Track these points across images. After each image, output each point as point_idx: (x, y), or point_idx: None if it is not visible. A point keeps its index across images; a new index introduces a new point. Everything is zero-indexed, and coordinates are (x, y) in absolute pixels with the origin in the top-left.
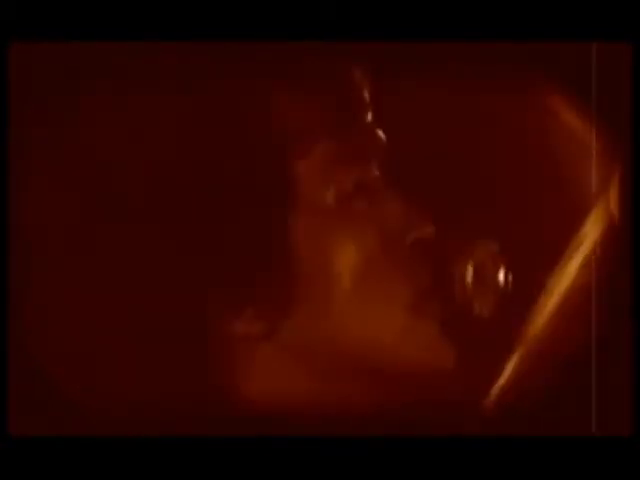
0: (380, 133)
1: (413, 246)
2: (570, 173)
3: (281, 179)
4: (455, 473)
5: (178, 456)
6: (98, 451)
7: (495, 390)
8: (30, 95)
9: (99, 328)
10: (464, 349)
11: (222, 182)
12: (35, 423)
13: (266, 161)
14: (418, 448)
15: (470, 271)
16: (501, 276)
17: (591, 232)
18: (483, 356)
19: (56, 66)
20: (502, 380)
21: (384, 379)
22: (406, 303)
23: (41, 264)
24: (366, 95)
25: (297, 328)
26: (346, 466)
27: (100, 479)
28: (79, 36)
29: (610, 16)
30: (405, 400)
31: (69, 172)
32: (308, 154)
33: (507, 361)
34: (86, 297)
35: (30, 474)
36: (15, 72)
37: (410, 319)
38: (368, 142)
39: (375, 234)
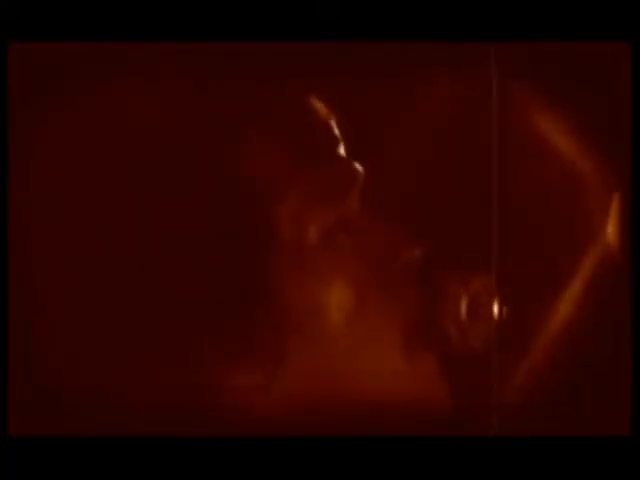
0: (356, 164)
1: (404, 277)
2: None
3: (263, 227)
4: (455, 473)
5: (178, 456)
6: (98, 451)
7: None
8: (30, 95)
9: (99, 328)
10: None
11: (215, 233)
12: (35, 423)
13: (247, 211)
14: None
15: (465, 304)
16: (497, 309)
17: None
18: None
19: (56, 66)
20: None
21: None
22: (400, 340)
23: (41, 264)
24: (334, 123)
25: (294, 375)
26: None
27: (100, 479)
28: (79, 36)
29: (610, 16)
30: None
31: (69, 172)
32: (284, 198)
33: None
34: (86, 298)
35: (30, 474)
36: (15, 72)
37: (405, 356)
38: (345, 172)
39: (364, 269)
